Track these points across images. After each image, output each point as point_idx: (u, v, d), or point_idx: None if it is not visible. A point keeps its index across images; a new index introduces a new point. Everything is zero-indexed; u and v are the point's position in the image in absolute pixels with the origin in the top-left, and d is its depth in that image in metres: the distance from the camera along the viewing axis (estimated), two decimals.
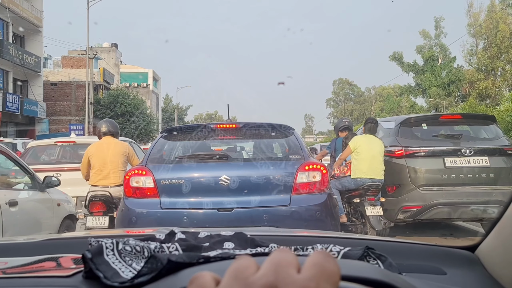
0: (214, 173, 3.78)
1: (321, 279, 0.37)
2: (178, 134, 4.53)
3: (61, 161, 7.36)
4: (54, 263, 0.96)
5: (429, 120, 6.15)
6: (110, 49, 41.59)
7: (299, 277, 0.37)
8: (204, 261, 0.74)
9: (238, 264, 0.39)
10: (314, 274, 0.37)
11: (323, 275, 0.37)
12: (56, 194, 5.15)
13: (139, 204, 3.77)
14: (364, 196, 5.35)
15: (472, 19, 37.62)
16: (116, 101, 30.35)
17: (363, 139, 5.52)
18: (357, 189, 5.40)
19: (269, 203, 3.67)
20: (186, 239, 0.95)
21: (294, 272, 0.37)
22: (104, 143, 5.09)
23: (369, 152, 5.39)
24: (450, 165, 5.57)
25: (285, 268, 0.38)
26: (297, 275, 0.37)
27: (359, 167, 5.39)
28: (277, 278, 0.36)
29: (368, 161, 5.36)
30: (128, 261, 0.80)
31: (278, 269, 0.37)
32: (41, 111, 26.98)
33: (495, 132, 6.03)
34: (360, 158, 5.39)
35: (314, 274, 0.37)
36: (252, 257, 0.41)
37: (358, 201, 5.44)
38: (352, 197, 5.53)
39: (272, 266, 0.38)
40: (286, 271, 0.37)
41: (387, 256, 0.86)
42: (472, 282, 0.98)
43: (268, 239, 1.01)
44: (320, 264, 0.38)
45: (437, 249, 1.15)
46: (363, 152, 5.39)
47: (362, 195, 5.37)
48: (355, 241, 1.25)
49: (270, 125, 4.28)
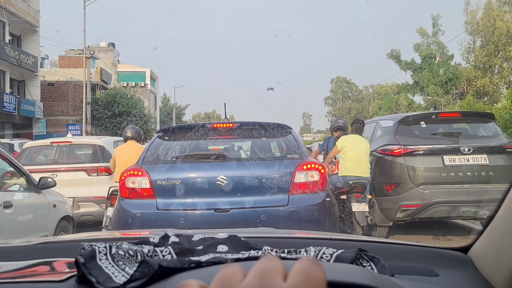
0: (211, 173, 3.73)
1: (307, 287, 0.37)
2: (175, 134, 4.48)
3: (57, 162, 7.29)
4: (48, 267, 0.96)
5: (427, 118, 6.11)
6: (107, 48, 41.47)
7: (285, 285, 0.37)
8: (196, 266, 0.73)
9: (224, 272, 0.40)
10: (300, 282, 0.37)
11: (309, 283, 0.37)
12: (52, 195, 5.10)
13: (135, 205, 3.72)
14: (351, 193, 5.50)
15: (469, 16, 37.62)
16: (114, 101, 30.26)
17: (349, 139, 5.77)
18: (344, 187, 5.57)
19: (267, 204, 3.63)
20: (180, 242, 0.95)
21: (280, 280, 0.38)
22: (128, 146, 6.10)
23: (355, 151, 5.63)
24: (449, 163, 5.53)
25: (271, 275, 0.38)
26: (283, 283, 0.38)
27: (346, 165, 5.63)
28: (263, 286, 0.37)
29: (354, 160, 5.58)
30: (121, 266, 0.80)
31: (264, 277, 0.38)
32: (39, 111, 26.86)
33: (494, 130, 6.00)
34: (347, 157, 5.64)
35: (300, 282, 0.37)
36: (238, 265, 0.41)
37: (345, 198, 5.57)
38: (340, 194, 5.63)
39: (258, 274, 0.38)
40: (271, 279, 0.38)
41: (380, 258, 0.86)
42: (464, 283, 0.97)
43: (262, 242, 1.02)
44: (306, 271, 0.38)
45: (430, 251, 1.15)
46: (349, 151, 5.63)
47: (349, 192, 5.52)
48: (348, 243, 1.25)
49: (268, 124, 4.23)
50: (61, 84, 31.25)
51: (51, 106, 30.22)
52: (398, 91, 43.70)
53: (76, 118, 29.76)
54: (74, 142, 7.59)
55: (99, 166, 6.99)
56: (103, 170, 6.96)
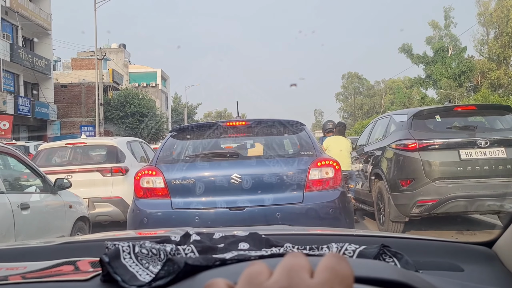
0: (225, 171, 3.72)
1: (334, 283, 0.37)
2: (187, 133, 4.48)
3: (72, 163, 7.35)
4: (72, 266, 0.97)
5: (442, 112, 6.01)
6: (118, 49, 41.77)
7: (312, 281, 0.37)
8: (221, 263, 0.73)
9: (251, 270, 0.40)
10: (327, 278, 0.37)
11: (336, 279, 0.37)
12: (68, 196, 5.14)
13: (150, 204, 3.73)
14: None
15: (482, 8, 37.07)
16: (126, 102, 30.48)
17: (333, 139, 7.23)
18: None
19: (282, 201, 3.60)
20: (201, 240, 0.96)
21: (307, 277, 0.38)
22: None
23: (337, 148, 6.92)
24: (466, 157, 5.44)
25: (298, 272, 0.38)
26: (310, 279, 0.37)
27: None
28: (291, 283, 0.37)
29: (336, 156, 5.67)
30: (145, 264, 0.81)
31: (291, 274, 0.38)
32: (52, 113, 27.22)
33: (511, 122, 5.88)
34: (331, 154, 5.88)
35: (327, 278, 0.37)
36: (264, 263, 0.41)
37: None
38: None
39: (285, 271, 0.38)
40: (299, 276, 0.38)
41: (403, 254, 0.86)
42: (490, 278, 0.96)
43: (283, 239, 1.01)
44: (333, 267, 0.38)
45: (454, 245, 1.14)
46: (332, 149, 6.79)
47: None
48: (370, 239, 1.24)
49: (281, 122, 4.20)
50: (73, 86, 31.59)
51: (65, 108, 30.56)
52: (410, 85, 43.25)
53: (89, 119, 30.06)
54: (88, 143, 7.64)
55: (113, 167, 7.02)
56: (117, 170, 6.99)
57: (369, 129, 7.80)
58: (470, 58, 37.73)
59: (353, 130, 40.12)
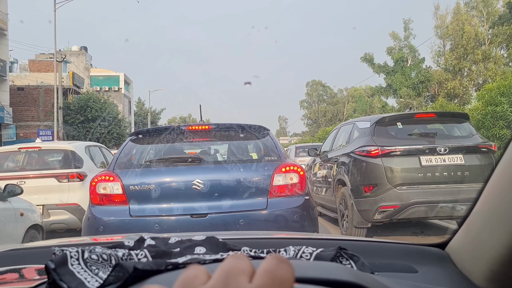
0: (186, 177, 3.59)
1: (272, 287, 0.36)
2: (148, 137, 4.31)
3: (25, 168, 7.00)
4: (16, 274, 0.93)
5: (404, 119, 6.13)
6: (79, 52, 40.69)
7: (250, 286, 0.36)
8: (173, 267, 0.71)
9: (187, 274, 0.39)
10: (265, 282, 0.36)
11: (275, 283, 0.36)
12: (19, 203, 4.87)
13: (106, 212, 3.55)
14: None
15: (439, 21, 38.59)
16: (87, 106, 29.69)
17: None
18: None
19: (245, 208, 3.51)
20: (156, 245, 0.93)
21: (246, 281, 0.37)
22: None
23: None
24: (426, 163, 5.55)
25: (236, 277, 0.37)
26: (248, 284, 0.36)
27: None
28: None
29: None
30: (95, 270, 0.77)
31: (229, 279, 0.36)
32: (8, 117, 26.10)
33: (468, 130, 6.06)
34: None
35: (265, 283, 0.36)
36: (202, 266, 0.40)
37: None
38: None
39: (222, 275, 0.37)
40: (236, 281, 0.36)
41: (360, 256, 0.87)
42: (442, 279, 0.98)
43: (241, 243, 1.00)
44: (272, 271, 0.37)
45: (409, 247, 1.17)
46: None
47: None
48: (328, 242, 1.25)
49: (245, 126, 4.12)
50: (31, 89, 30.44)
51: (21, 111, 29.40)
52: (371, 94, 44.39)
53: (48, 124, 29.01)
54: (43, 148, 7.30)
55: (70, 172, 6.73)
56: (74, 176, 6.70)
57: (332, 136, 7.86)
58: (428, 68, 39.12)
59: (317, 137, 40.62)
